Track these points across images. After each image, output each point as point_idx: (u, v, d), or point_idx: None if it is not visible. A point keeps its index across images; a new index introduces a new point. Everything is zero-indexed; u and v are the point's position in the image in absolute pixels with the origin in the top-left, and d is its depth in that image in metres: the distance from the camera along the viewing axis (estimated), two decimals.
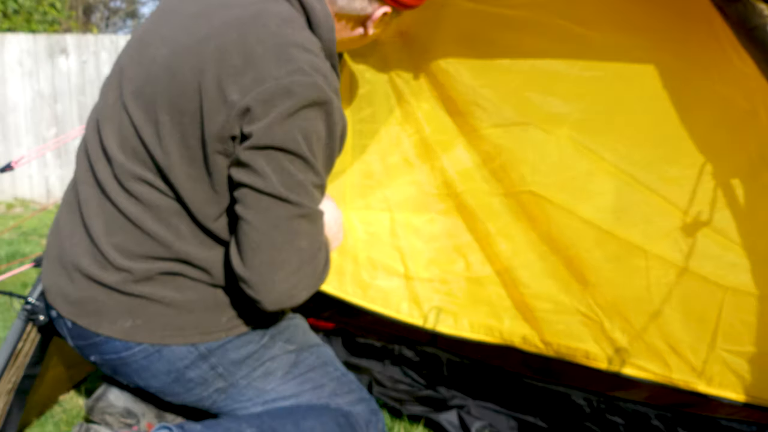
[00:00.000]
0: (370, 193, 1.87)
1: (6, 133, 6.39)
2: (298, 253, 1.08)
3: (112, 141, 1.16)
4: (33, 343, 1.51)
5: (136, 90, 1.14)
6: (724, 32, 1.24)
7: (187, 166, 1.10)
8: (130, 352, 1.18)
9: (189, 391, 1.24)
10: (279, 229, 1.06)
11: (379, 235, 1.86)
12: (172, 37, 1.13)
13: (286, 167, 1.05)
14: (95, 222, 1.17)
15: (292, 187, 1.06)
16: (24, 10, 8.27)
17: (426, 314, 1.79)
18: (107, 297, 1.16)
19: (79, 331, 1.21)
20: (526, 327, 1.62)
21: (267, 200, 1.05)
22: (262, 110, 1.03)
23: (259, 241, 1.06)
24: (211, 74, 1.06)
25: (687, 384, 1.39)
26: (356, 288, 1.87)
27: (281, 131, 1.04)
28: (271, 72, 1.04)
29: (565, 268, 1.55)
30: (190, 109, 1.07)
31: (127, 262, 1.14)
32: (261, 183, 1.05)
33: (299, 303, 1.13)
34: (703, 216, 1.37)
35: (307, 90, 1.05)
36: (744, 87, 1.29)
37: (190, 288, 1.17)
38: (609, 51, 1.44)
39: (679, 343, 1.41)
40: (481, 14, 1.57)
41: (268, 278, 1.07)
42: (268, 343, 1.26)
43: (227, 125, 1.05)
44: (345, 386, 1.33)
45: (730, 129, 1.33)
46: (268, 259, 1.07)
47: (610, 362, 1.49)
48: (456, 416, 1.65)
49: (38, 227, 4.81)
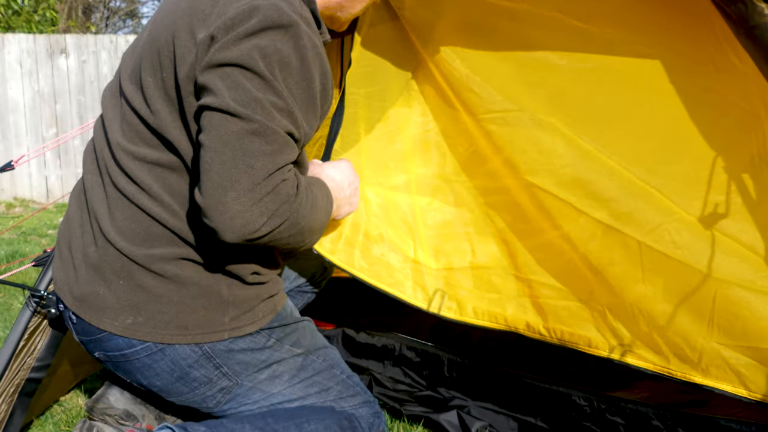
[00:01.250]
0: (385, 171, 1.87)
1: (6, 133, 6.39)
2: (248, 172, 1.01)
3: (114, 124, 1.22)
4: (41, 343, 1.50)
5: (130, 71, 1.21)
6: (723, 31, 1.24)
7: (175, 119, 1.13)
8: (133, 349, 1.19)
9: (193, 390, 1.24)
10: (228, 146, 1.01)
11: (391, 214, 1.86)
12: (160, 18, 1.20)
13: (240, 83, 1.02)
14: (100, 207, 1.20)
15: (246, 103, 1.02)
16: (24, 12, 8.27)
17: (431, 297, 1.78)
18: (108, 291, 1.17)
19: (83, 326, 1.22)
20: (530, 313, 1.62)
21: (218, 116, 1.02)
22: (222, 35, 1.04)
23: (210, 161, 1.02)
24: (183, 24, 1.10)
25: (684, 375, 1.39)
26: (363, 262, 1.85)
27: (237, 49, 1.03)
28: (233, 3, 1.07)
29: (567, 256, 1.55)
30: (167, 62, 1.12)
31: (128, 245, 1.16)
32: (213, 100, 1.03)
33: (263, 234, 1.05)
34: (702, 213, 1.37)
35: (267, 11, 1.04)
36: (743, 87, 1.28)
37: (192, 282, 1.16)
38: (607, 45, 1.45)
39: (678, 335, 1.41)
40: (483, 4, 1.58)
41: (218, 200, 1.01)
42: (275, 345, 1.26)
43: (195, 62, 1.07)
44: (350, 389, 1.33)
45: (730, 128, 1.33)
46: (218, 179, 1.01)
47: (611, 351, 1.48)
48: (456, 417, 1.65)
49: (38, 227, 4.81)
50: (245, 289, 1.21)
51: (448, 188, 1.78)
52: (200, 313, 1.17)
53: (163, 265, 1.15)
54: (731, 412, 1.40)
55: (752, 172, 1.31)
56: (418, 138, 1.83)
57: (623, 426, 1.48)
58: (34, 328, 1.48)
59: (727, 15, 1.15)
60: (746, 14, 1.10)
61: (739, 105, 1.31)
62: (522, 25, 1.55)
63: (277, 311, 1.27)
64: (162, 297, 1.15)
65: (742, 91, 1.29)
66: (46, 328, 1.51)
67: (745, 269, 1.33)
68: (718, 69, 1.32)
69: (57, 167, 6.54)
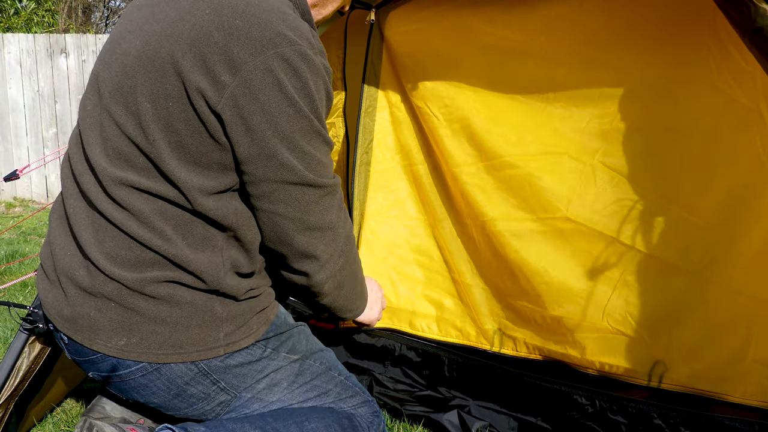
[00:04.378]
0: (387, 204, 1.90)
1: (6, 133, 6.38)
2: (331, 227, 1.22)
3: (95, 147, 1.14)
4: (39, 359, 1.48)
5: (113, 88, 1.12)
6: (727, 33, 1.24)
7: (176, 151, 1.08)
8: (128, 370, 1.16)
9: (191, 406, 1.22)
10: (310, 214, 1.18)
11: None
12: (141, 28, 1.12)
13: (305, 150, 1.11)
14: (85, 234, 1.15)
15: (316, 170, 1.14)
16: (25, 13, 8.27)
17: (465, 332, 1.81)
18: (100, 313, 1.13)
19: (75, 347, 1.19)
20: (554, 344, 1.64)
21: (295, 189, 1.13)
22: (254, 93, 1.03)
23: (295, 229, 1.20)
24: (192, 54, 1.04)
25: (716, 395, 1.41)
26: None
27: (285, 117, 1.06)
28: (257, 46, 1.03)
29: (602, 287, 1.55)
30: (174, 92, 1.06)
31: (119, 270, 1.12)
32: (290, 175, 1.11)
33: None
34: (719, 223, 1.37)
35: (297, 61, 1.05)
36: (749, 87, 1.28)
37: (185, 301, 1.14)
38: (621, 70, 1.46)
39: (706, 354, 1.42)
40: (494, 38, 1.58)
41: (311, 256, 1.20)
42: (271, 354, 1.25)
43: (219, 106, 1.04)
44: (348, 390, 1.33)
45: (737, 131, 1.33)
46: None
47: (649, 379, 1.49)
48: (456, 416, 1.65)
49: (38, 227, 4.81)
50: (239, 305, 1.20)
51: (467, 225, 1.80)
52: (195, 331, 1.15)
53: (155, 287, 1.12)
54: (734, 411, 1.39)
55: (763, 175, 1.31)
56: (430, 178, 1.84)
57: (625, 425, 1.48)
58: (33, 342, 1.46)
59: (731, 17, 1.14)
60: (750, 16, 1.10)
61: (744, 105, 1.30)
62: (533, 60, 1.56)
63: (270, 320, 1.26)
64: (156, 318, 1.13)
65: (746, 92, 1.29)
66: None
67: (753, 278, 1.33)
68: (720, 69, 1.32)
69: (57, 167, 6.53)
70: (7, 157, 6.39)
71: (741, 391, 1.38)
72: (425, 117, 1.72)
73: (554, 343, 1.64)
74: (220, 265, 1.15)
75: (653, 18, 1.39)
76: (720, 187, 1.37)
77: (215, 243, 1.15)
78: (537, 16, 1.52)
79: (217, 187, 1.11)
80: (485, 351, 1.77)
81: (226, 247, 1.16)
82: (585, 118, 1.52)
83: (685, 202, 1.41)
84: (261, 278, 1.26)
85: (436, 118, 1.70)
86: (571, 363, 1.62)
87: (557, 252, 1.58)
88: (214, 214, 1.12)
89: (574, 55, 1.49)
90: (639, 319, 1.49)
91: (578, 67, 1.49)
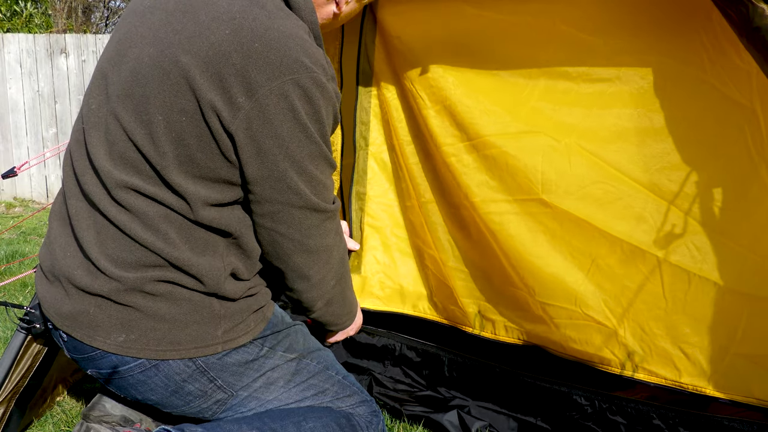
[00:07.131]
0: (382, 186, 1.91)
1: (6, 133, 6.38)
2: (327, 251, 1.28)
3: (99, 149, 1.14)
4: (39, 355, 1.49)
5: (123, 93, 1.12)
6: (724, 32, 1.24)
7: (185, 164, 1.10)
8: (127, 366, 1.17)
9: (188, 403, 1.23)
10: (311, 238, 1.23)
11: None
12: (155, 35, 1.11)
13: (313, 175, 1.15)
14: (86, 234, 1.16)
15: (321, 194, 1.19)
16: (25, 14, 8.27)
17: (459, 312, 1.80)
18: (99, 310, 1.14)
19: (74, 344, 1.20)
20: (539, 328, 1.62)
21: (299, 212, 1.18)
22: (268, 117, 1.06)
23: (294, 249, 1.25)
24: (210, 73, 1.05)
25: (696, 388, 1.40)
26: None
27: (296, 142, 1.10)
28: (274, 71, 1.05)
29: (576, 274, 1.54)
30: (189, 108, 1.07)
31: (119, 271, 1.12)
32: (297, 199, 1.16)
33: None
34: (709, 219, 1.36)
35: (311, 88, 1.08)
36: (744, 86, 1.28)
37: (183, 299, 1.15)
38: (611, 56, 1.44)
39: (689, 347, 1.41)
40: (482, 19, 1.57)
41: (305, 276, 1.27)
42: (268, 353, 1.26)
43: (233, 126, 1.05)
44: (346, 389, 1.33)
45: (724, 125, 1.33)
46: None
47: (622, 368, 1.49)
48: (456, 416, 1.65)
49: (38, 227, 4.81)
50: (236, 303, 1.21)
51: (455, 207, 1.80)
52: (193, 328, 1.16)
53: (154, 285, 1.13)
54: (733, 411, 1.39)
55: (754, 172, 1.31)
56: (419, 158, 1.84)
57: (624, 426, 1.48)
58: (31, 340, 1.47)
59: (729, 16, 1.14)
60: (748, 16, 1.10)
61: (740, 103, 1.30)
62: (522, 41, 1.55)
63: (267, 318, 1.27)
64: (154, 315, 1.14)
65: (741, 90, 1.29)
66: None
67: (746, 275, 1.33)
68: (716, 68, 1.32)
69: (57, 167, 6.53)
70: (7, 157, 6.39)
71: (722, 386, 1.37)
72: (414, 98, 1.73)
73: (531, 326, 1.64)
74: (221, 269, 1.16)
75: (647, 9, 1.39)
76: (702, 177, 1.36)
77: (217, 248, 1.16)
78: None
79: (222, 200, 1.14)
80: (471, 334, 1.76)
81: (227, 253, 1.18)
82: (566, 98, 1.51)
83: (666, 190, 1.39)
84: (258, 278, 1.27)
85: (422, 100, 1.70)
86: (547, 348, 1.61)
87: (532, 234, 1.58)
88: (218, 223, 1.14)
89: (564, 39, 1.48)
90: (612, 306, 1.48)
91: (566, 49, 1.48)
